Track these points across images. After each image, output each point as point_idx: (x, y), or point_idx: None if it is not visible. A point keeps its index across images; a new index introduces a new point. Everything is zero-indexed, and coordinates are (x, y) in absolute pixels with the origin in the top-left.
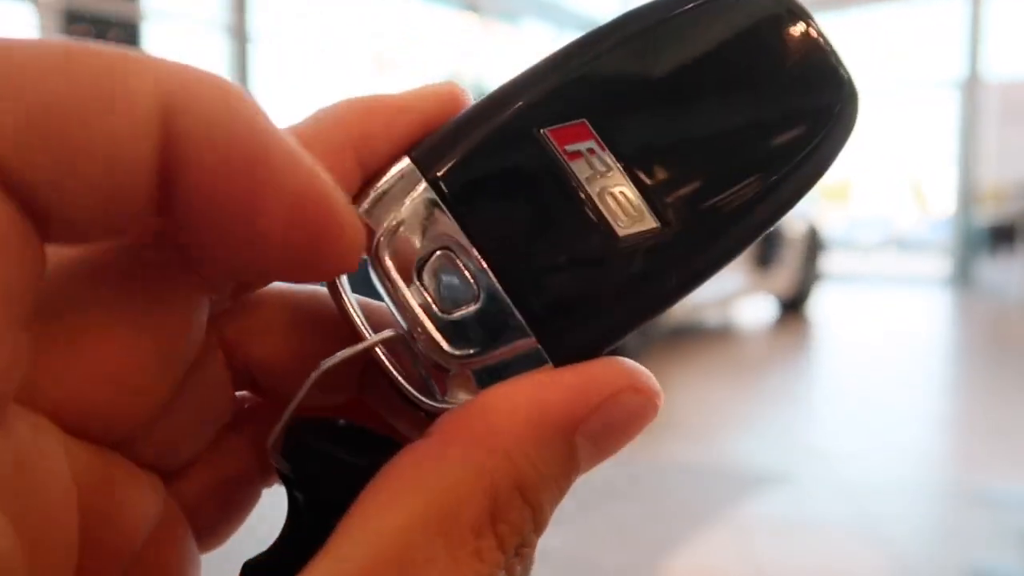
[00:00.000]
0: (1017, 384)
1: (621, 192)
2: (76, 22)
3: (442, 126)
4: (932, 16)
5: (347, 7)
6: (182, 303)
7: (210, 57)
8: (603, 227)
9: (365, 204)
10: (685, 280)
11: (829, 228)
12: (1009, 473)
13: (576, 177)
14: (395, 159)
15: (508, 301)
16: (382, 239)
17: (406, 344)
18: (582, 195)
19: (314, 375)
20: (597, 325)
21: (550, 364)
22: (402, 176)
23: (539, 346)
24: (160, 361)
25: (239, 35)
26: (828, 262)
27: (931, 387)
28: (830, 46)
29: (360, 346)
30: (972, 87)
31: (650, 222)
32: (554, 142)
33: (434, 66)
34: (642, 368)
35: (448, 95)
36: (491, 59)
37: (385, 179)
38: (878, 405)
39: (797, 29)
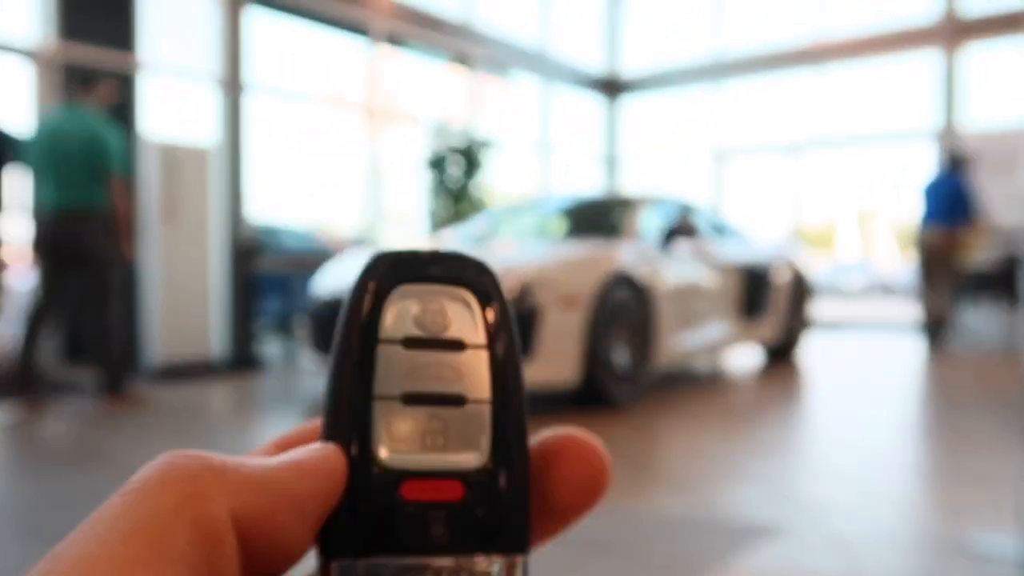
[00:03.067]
0: (1002, 432)
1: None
2: (72, 75)
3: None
4: (910, 69)
5: (340, 59)
6: None
7: (204, 108)
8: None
9: None
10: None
11: (815, 274)
12: (994, 524)
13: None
14: None
15: None
16: None
17: None
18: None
19: None
20: None
21: None
22: None
23: None
24: None
25: (233, 87)
26: (815, 309)
27: (918, 434)
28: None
29: None
30: (948, 138)
31: None
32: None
33: (424, 117)
34: None
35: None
36: (480, 110)
37: None
38: (866, 454)
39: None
